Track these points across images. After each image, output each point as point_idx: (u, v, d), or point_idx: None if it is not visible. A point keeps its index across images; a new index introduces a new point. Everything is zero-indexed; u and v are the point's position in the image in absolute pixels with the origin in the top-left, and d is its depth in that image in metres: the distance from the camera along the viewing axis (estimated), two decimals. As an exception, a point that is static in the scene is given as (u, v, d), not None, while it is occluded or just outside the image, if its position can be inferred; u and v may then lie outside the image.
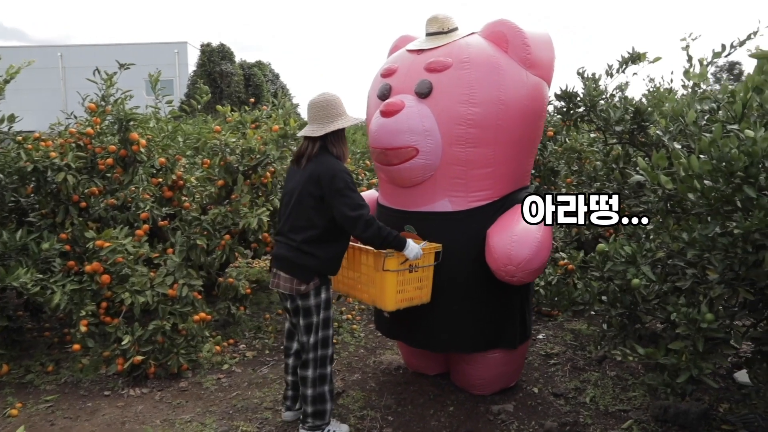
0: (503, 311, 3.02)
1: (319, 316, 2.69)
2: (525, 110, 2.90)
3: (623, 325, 2.83)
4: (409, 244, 2.66)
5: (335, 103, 2.69)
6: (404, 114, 2.81)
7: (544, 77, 3.00)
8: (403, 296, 2.82)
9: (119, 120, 3.99)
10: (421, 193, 2.97)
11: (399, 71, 3.07)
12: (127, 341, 3.56)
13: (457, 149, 2.85)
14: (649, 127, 2.78)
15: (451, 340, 3.03)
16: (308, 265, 2.63)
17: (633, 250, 2.26)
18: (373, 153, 3.05)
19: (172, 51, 33.89)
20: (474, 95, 2.79)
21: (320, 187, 2.56)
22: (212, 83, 19.49)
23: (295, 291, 2.65)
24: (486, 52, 2.88)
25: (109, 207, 4.35)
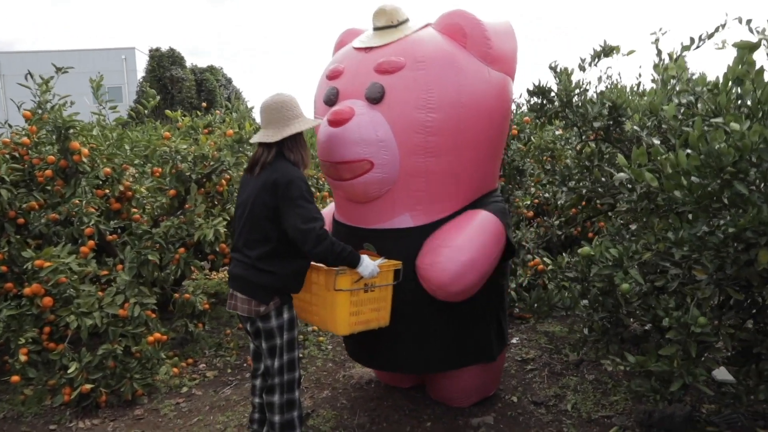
0: (477, 326, 2.85)
1: (282, 338, 2.47)
2: (489, 111, 2.70)
3: (605, 329, 2.73)
4: (363, 261, 2.44)
5: (290, 104, 2.44)
6: (355, 123, 2.53)
7: (507, 72, 2.80)
8: (358, 318, 2.56)
9: (57, 128, 3.66)
10: (378, 209, 2.73)
11: (346, 72, 2.78)
12: (74, 368, 3.25)
13: (416, 159, 2.62)
14: (624, 123, 2.68)
15: (424, 362, 2.85)
16: (266, 284, 2.39)
17: (620, 252, 2.14)
18: (322, 166, 2.80)
19: (120, 57, 32.82)
20: (432, 99, 2.54)
21: (275, 196, 2.32)
22: (163, 89, 18.84)
23: (254, 313, 2.41)
24: (442, 48, 2.63)
25: (51, 222, 4.00)
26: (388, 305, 2.67)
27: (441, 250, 2.59)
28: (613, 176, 2.92)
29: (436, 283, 2.55)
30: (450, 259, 2.54)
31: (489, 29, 2.68)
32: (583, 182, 2.90)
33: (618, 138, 2.88)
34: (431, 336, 2.81)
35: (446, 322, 2.76)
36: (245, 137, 3.98)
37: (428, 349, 2.82)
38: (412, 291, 2.68)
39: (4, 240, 3.86)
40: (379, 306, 2.64)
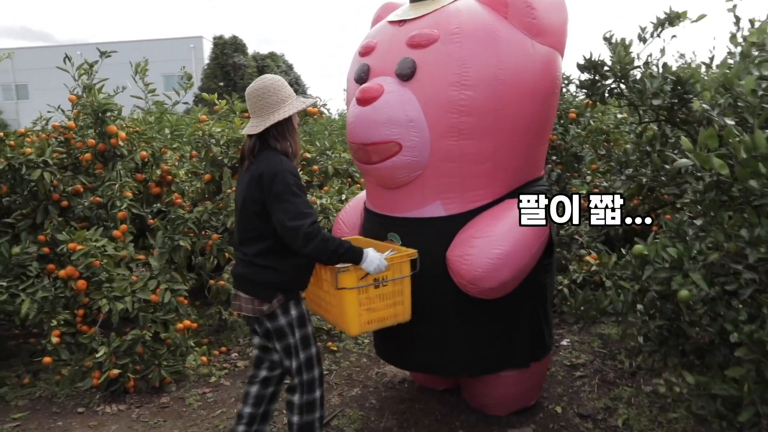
0: (510, 327, 2.58)
1: (294, 336, 2.29)
2: (532, 89, 2.41)
3: (663, 338, 2.39)
4: (367, 256, 2.21)
5: (274, 88, 2.21)
6: (383, 101, 2.35)
7: (555, 46, 2.49)
8: (371, 316, 2.34)
9: (94, 111, 3.63)
10: (407, 196, 2.50)
11: (378, 48, 2.57)
12: (103, 353, 3.22)
13: (448, 142, 2.38)
14: (691, 101, 2.31)
15: (449, 363, 2.60)
16: (267, 281, 2.23)
17: (679, 252, 1.81)
18: (350, 149, 2.61)
19: (188, 46, 33.83)
20: (467, 75, 2.29)
21: (262, 191, 2.14)
22: (225, 76, 19.22)
23: (258, 312, 2.25)
24: (480, 19, 2.36)
25: (94, 205, 4.01)
26: (406, 299, 2.43)
27: (473, 241, 2.34)
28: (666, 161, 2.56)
29: (467, 278, 2.31)
30: (483, 251, 2.29)
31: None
32: (643, 169, 2.54)
33: (684, 119, 2.51)
34: (458, 335, 2.57)
35: (475, 320, 2.52)
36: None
37: (454, 349, 2.58)
38: (441, 286, 2.46)
39: (48, 222, 3.91)
40: (396, 300, 2.40)
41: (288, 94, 2.25)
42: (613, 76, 2.36)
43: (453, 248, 2.39)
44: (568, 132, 4.89)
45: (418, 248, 2.45)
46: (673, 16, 2.34)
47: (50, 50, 34.70)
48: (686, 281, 1.79)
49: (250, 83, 2.31)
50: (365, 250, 2.23)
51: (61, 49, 10.60)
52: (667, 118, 2.47)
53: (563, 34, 2.56)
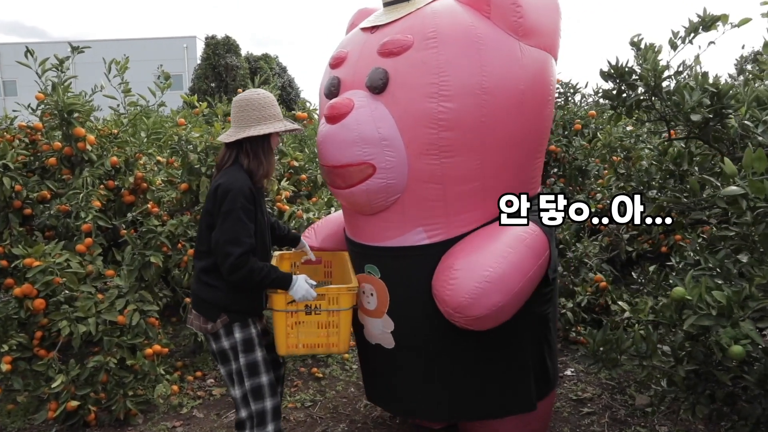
0: (511, 366, 2.30)
1: (238, 362, 2.16)
2: (522, 98, 2.12)
3: (692, 384, 2.10)
4: (295, 283, 2.12)
5: (260, 103, 2.13)
6: (353, 118, 2.09)
7: (546, 48, 2.19)
8: (301, 340, 2.28)
9: (59, 111, 3.31)
10: (385, 223, 2.22)
11: (349, 58, 2.30)
12: (60, 382, 2.88)
13: (428, 161, 2.10)
14: (728, 117, 2.03)
15: (445, 410, 2.32)
16: (209, 299, 2.15)
17: (727, 297, 1.52)
18: (322, 171, 2.35)
19: (181, 45, 33.47)
20: (446, 84, 2.02)
21: (214, 203, 2.08)
22: (217, 77, 18.84)
23: (204, 330, 2.19)
24: (460, 20, 2.08)
25: (61, 214, 3.68)
26: (343, 331, 2.28)
27: (458, 263, 2.04)
28: (705, 186, 2.28)
29: (452, 305, 1.99)
30: (469, 274, 1.98)
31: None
32: (672, 190, 2.26)
33: (716, 136, 2.22)
34: (450, 378, 2.29)
35: (470, 361, 2.24)
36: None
37: (445, 394, 2.30)
38: (427, 323, 2.20)
39: (7, 232, 3.58)
40: (330, 331, 2.28)
41: (272, 114, 2.16)
42: (645, 86, 2.07)
43: (437, 274, 2.10)
44: (572, 144, 4.63)
45: (400, 281, 2.21)
46: (709, 19, 2.06)
47: (40, 46, 34.23)
48: (736, 332, 1.50)
49: (242, 85, 2.12)
50: (294, 278, 2.13)
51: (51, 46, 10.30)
52: (698, 134, 2.19)
53: (556, 35, 2.27)
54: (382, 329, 2.35)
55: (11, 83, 32.82)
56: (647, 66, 2.03)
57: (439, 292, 2.06)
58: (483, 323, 2.03)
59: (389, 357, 2.38)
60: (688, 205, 2.35)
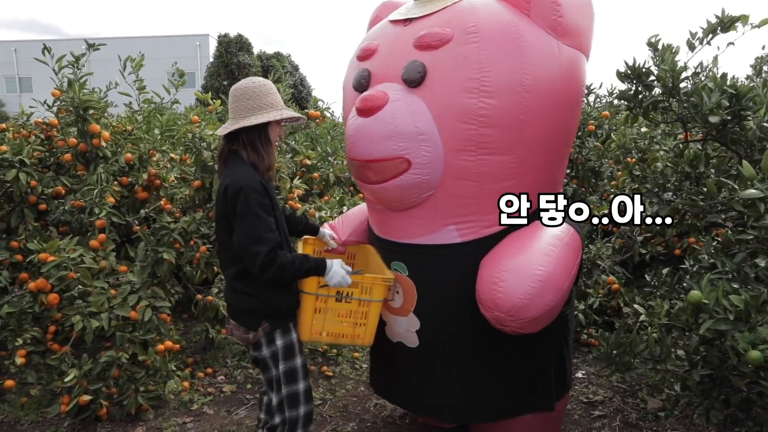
0: (534, 365, 2.28)
1: (278, 369, 2.08)
2: (558, 97, 2.12)
3: (706, 389, 2.07)
4: (331, 268, 2.04)
5: (257, 91, 2.02)
6: (388, 111, 2.05)
7: (581, 48, 2.19)
8: (324, 328, 2.20)
9: (75, 108, 3.33)
10: (417, 220, 2.19)
11: (380, 51, 2.27)
12: (72, 376, 2.90)
13: (465, 158, 2.08)
14: (747, 119, 2.01)
15: (466, 408, 2.29)
16: (248, 308, 2.05)
17: (745, 302, 1.50)
18: (350, 166, 2.31)
19: (194, 43, 33.64)
20: (487, 80, 1.99)
21: (227, 206, 1.97)
22: (230, 75, 18.93)
23: (245, 340, 2.10)
24: (500, 17, 2.06)
25: (75, 209, 3.71)
26: (371, 323, 2.22)
27: (507, 263, 1.99)
28: (721, 188, 2.25)
29: (505, 308, 1.93)
30: (521, 274, 1.94)
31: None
32: (687, 192, 2.24)
33: (734, 138, 2.19)
34: (476, 378, 2.27)
35: (495, 360, 2.22)
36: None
37: (472, 393, 2.28)
38: (458, 321, 2.18)
39: (23, 227, 3.62)
40: (357, 321, 2.20)
41: (271, 102, 2.04)
42: (662, 87, 2.05)
43: (483, 277, 2.04)
44: (585, 145, 4.59)
45: (429, 280, 2.17)
46: (728, 20, 2.03)
47: (55, 44, 34.59)
48: (754, 336, 1.48)
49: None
50: (329, 263, 2.05)
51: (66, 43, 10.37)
52: (715, 137, 2.16)
53: (590, 35, 2.26)
54: (406, 328, 2.33)
55: (27, 80, 33.18)
56: (665, 67, 2.01)
57: (489, 295, 1.99)
58: (536, 324, 2.00)
59: (411, 356, 2.36)
60: (703, 207, 2.33)
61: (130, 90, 3.84)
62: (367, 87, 2.23)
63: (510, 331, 1.99)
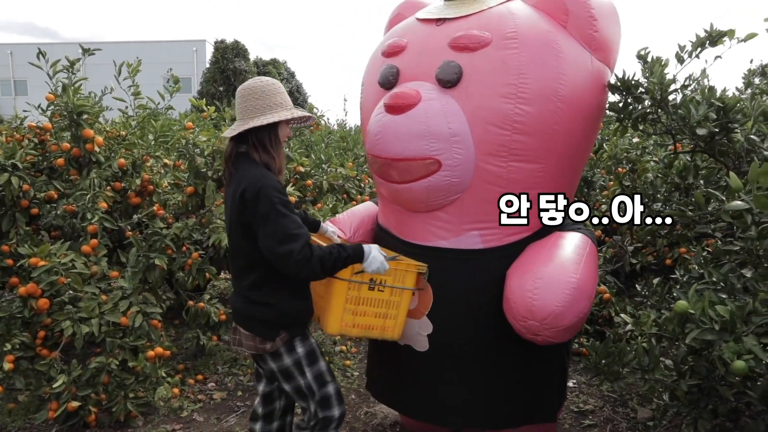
0: (540, 375, 2.29)
1: (305, 377, 2.02)
2: (588, 109, 2.16)
3: (694, 399, 2.08)
4: (369, 254, 1.97)
5: (266, 91, 1.94)
6: (421, 110, 2.02)
7: (608, 63, 2.24)
8: (356, 320, 2.10)
9: (69, 113, 3.34)
10: (439, 222, 2.18)
11: (410, 48, 2.24)
12: (61, 382, 2.89)
13: (496, 163, 2.08)
14: (735, 131, 2.03)
15: (472, 416, 2.28)
16: (266, 318, 1.97)
17: (731, 312, 1.52)
18: (373, 163, 2.26)
19: (191, 49, 33.68)
20: (524, 87, 1.99)
21: (246, 211, 1.87)
22: (226, 81, 18.97)
23: (261, 351, 2.00)
24: (539, 25, 2.08)
25: (67, 214, 3.70)
26: (400, 314, 2.16)
27: (540, 271, 1.98)
28: (710, 200, 2.27)
29: (540, 316, 1.91)
30: (555, 282, 1.93)
31: (595, 8, 2.11)
32: (677, 203, 2.26)
33: (722, 150, 2.22)
34: (484, 384, 2.27)
35: (505, 368, 2.23)
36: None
37: (478, 399, 2.27)
38: (472, 327, 2.19)
39: (14, 231, 3.60)
40: (388, 312, 2.13)
41: (280, 101, 1.96)
42: (651, 99, 2.07)
43: (512, 285, 2.03)
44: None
45: (448, 284, 2.17)
46: (716, 34, 2.06)
47: (52, 47, 34.56)
48: (740, 347, 1.49)
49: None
50: (367, 247, 1.97)
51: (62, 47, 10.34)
52: (704, 148, 2.18)
53: (617, 51, 2.30)
54: (417, 330, 2.30)
55: (22, 83, 33.11)
56: (654, 79, 2.04)
57: (523, 304, 1.96)
58: (569, 333, 2.00)
59: (418, 360, 2.33)
60: (693, 218, 2.35)
61: (124, 95, 3.85)
62: (395, 84, 2.21)
63: (542, 340, 1.98)
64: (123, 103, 3.90)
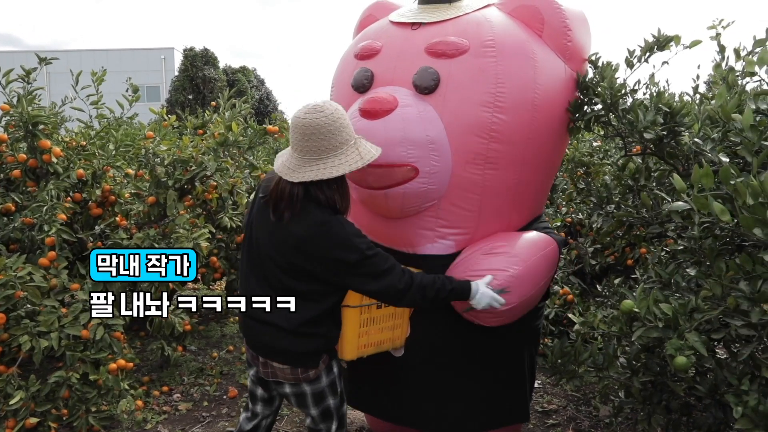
0: (513, 376, 2.33)
1: (336, 397, 1.99)
2: (561, 119, 2.22)
3: (647, 395, 2.14)
4: (477, 291, 1.90)
5: (338, 126, 1.71)
6: (398, 116, 1.99)
7: (580, 71, 2.29)
8: (369, 339, 2.09)
9: (24, 123, 3.27)
10: (414, 228, 2.18)
11: (384, 52, 2.20)
12: (18, 399, 2.82)
13: (472, 171, 2.09)
14: (682, 134, 2.10)
15: (451, 421, 2.29)
16: (311, 349, 1.87)
17: (674, 310, 1.57)
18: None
19: (159, 57, 33.27)
20: (502, 95, 2.01)
21: (311, 261, 1.75)
22: (195, 89, 18.76)
23: (302, 380, 1.91)
24: (516, 33, 2.11)
25: (26, 227, 3.62)
26: (405, 323, 2.18)
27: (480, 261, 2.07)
28: (662, 201, 2.34)
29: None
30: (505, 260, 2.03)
31: (570, 17, 2.16)
32: (625, 205, 2.32)
33: (671, 152, 2.29)
34: (460, 389, 2.29)
35: (478, 371, 2.27)
36: (231, 140, 3.50)
37: (453, 405, 2.29)
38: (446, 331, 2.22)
39: (-32, 245, 3.50)
40: (395, 324, 2.15)
41: (349, 134, 1.77)
42: (602, 103, 2.14)
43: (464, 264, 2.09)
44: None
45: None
46: (663, 40, 2.13)
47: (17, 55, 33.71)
48: (683, 344, 1.55)
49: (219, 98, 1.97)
50: (475, 284, 1.90)
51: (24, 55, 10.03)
52: (654, 151, 2.25)
53: (586, 60, 2.36)
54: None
55: (-19, 93, 32.25)
56: (604, 84, 2.10)
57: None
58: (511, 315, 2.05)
59: (395, 365, 2.34)
60: (646, 219, 2.42)
61: (83, 105, 3.78)
62: (369, 88, 2.19)
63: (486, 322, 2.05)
64: (84, 114, 3.84)
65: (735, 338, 1.83)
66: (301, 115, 1.72)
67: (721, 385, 1.83)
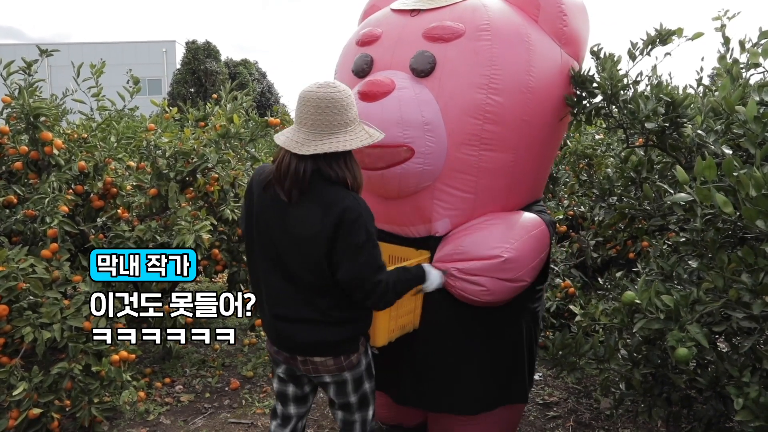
0: (513, 356, 2.36)
1: (371, 381, 1.98)
2: (557, 102, 2.25)
3: (648, 387, 2.14)
4: (429, 273, 2.02)
5: (346, 104, 1.70)
6: (395, 99, 2.04)
7: (577, 57, 2.33)
8: (396, 323, 2.14)
9: (25, 115, 3.27)
10: (411, 209, 2.23)
11: (384, 38, 2.27)
12: (22, 389, 2.83)
13: (467, 152, 2.13)
14: (684, 125, 2.09)
15: (452, 400, 2.32)
16: (349, 336, 1.85)
17: (675, 301, 1.57)
18: None
19: (161, 50, 33.21)
20: (497, 77, 2.06)
21: (336, 237, 1.67)
22: (197, 81, 18.73)
23: (346, 368, 1.87)
24: (511, 18, 2.16)
25: (28, 219, 3.62)
26: (419, 305, 2.24)
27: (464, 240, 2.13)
28: (665, 193, 2.33)
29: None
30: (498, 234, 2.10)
31: (566, 3, 2.20)
32: (627, 197, 2.32)
33: (674, 145, 2.28)
34: (457, 368, 2.31)
35: (479, 350, 2.30)
36: (232, 132, 3.50)
37: (452, 384, 2.31)
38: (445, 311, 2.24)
39: (-30, 237, 3.52)
40: (416, 305, 2.23)
41: (357, 114, 1.78)
42: (602, 95, 2.13)
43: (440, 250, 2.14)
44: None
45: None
46: (666, 33, 2.12)
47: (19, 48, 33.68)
48: (684, 336, 1.54)
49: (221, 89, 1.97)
50: (427, 267, 2.03)
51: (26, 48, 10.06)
52: (656, 143, 2.24)
53: (586, 46, 2.39)
54: None
55: (-16, 85, 32.25)
56: (605, 75, 2.09)
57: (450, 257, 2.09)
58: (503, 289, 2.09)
59: (395, 346, 2.31)
60: (649, 211, 2.41)
61: (84, 97, 3.78)
62: (369, 73, 2.24)
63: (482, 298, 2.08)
64: (86, 106, 3.83)
65: (736, 330, 1.83)
66: (314, 89, 1.69)
67: (722, 377, 1.84)
